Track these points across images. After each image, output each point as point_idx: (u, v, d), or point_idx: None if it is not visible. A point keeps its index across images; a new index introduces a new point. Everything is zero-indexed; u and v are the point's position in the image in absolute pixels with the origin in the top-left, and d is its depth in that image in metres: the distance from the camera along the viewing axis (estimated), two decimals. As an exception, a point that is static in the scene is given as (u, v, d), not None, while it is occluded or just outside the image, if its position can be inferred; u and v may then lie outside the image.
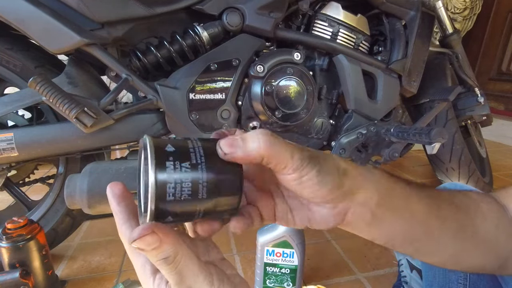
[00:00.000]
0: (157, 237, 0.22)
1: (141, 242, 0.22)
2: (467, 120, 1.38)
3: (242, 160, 0.24)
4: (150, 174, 0.21)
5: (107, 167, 0.77)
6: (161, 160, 0.22)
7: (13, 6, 0.71)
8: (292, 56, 0.89)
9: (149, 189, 0.21)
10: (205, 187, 0.23)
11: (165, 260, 0.23)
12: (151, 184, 0.21)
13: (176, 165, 0.22)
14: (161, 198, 0.21)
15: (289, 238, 0.77)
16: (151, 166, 0.21)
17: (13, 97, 0.80)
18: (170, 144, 0.23)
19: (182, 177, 0.22)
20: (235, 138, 0.24)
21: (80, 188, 0.73)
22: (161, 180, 0.21)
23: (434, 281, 0.62)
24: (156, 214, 0.22)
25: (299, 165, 0.25)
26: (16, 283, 0.73)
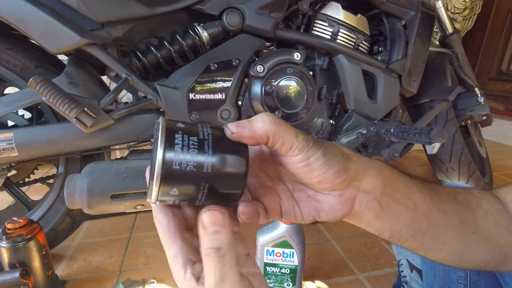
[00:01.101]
0: (224, 217, 0.23)
1: (208, 217, 0.23)
2: (467, 120, 1.38)
3: (248, 139, 0.24)
4: (160, 142, 0.22)
5: (107, 167, 0.77)
6: (171, 132, 0.23)
7: (13, 6, 0.71)
8: (292, 56, 0.89)
9: (157, 154, 0.22)
10: (210, 163, 0.23)
11: (217, 250, 0.23)
12: (160, 151, 0.22)
13: (184, 138, 0.23)
14: (167, 166, 0.22)
15: (289, 238, 0.77)
16: (161, 135, 0.22)
17: (13, 97, 0.80)
18: (181, 123, 0.24)
19: (190, 149, 0.23)
20: (242, 120, 0.25)
21: (80, 188, 0.73)
22: (169, 150, 0.22)
23: (434, 281, 0.62)
24: (162, 180, 0.22)
25: (304, 145, 0.25)
26: (16, 283, 0.73)
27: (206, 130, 0.24)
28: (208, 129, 0.25)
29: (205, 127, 0.25)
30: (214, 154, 0.23)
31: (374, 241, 1.11)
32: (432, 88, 1.13)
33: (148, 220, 1.24)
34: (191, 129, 0.24)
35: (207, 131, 0.24)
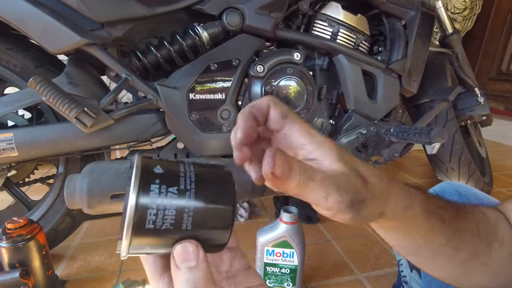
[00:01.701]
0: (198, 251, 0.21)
1: (179, 254, 0.20)
2: (467, 120, 1.38)
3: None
4: (131, 196, 0.19)
5: (107, 167, 0.76)
6: (146, 182, 0.19)
7: (13, 6, 0.71)
8: (292, 56, 0.89)
9: (127, 214, 0.19)
10: (191, 217, 0.20)
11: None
12: (130, 207, 0.19)
13: (161, 189, 0.20)
14: (139, 225, 0.19)
15: (289, 238, 0.77)
16: (133, 187, 0.19)
17: (13, 97, 0.80)
18: (159, 166, 0.21)
19: (166, 204, 0.19)
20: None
21: (80, 188, 0.73)
22: (142, 205, 0.19)
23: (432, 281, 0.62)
24: (132, 241, 0.19)
25: (334, 209, 0.23)
26: (16, 283, 0.73)
27: (189, 176, 0.21)
28: (192, 175, 0.21)
29: (188, 169, 0.21)
30: (196, 210, 0.20)
31: (374, 241, 1.11)
32: (432, 88, 1.13)
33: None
34: (171, 175, 0.21)
35: (190, 178, 0.21)
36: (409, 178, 1.69)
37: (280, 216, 0.77)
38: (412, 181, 1.64)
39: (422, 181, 1.64)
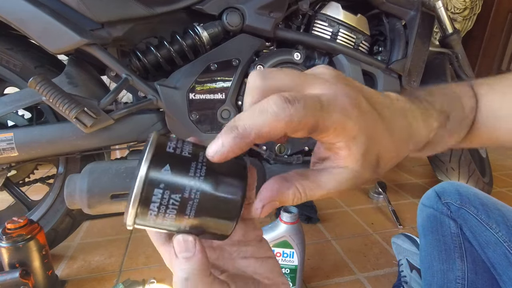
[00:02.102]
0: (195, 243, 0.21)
1: (177, 244, 0.21)
2: (467, 120, 1.38)
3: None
4: (142, 168, 0.19)
5: (107, 167, 0.76)
6: (158, 158, 0.20)
7: (13, 6, 0.71)
8: (292, 56, 0.89)
9: (136, 184, 0.19)
10: (197, 201, 0.20)
11: (185, 280, 0.21)
12: (140, 178, 0.19)
13: (172, 168, 0.20)
14: (146, 196, 0.19)
15: (289, 238, 0.77)
16: (145, 159, 0.19)
17: (13, 97, 0.80)
18: (174, 145, 0.21)
19: (175, 183, 0.20)
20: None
21: (80, 188, 0.73)
22: (152, 178, 0.19)
23: (432, 281, 0.62)
24: (138, 212, 0.20)
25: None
26: (16, 283, 0.73)
27: (202, 158, 0.21)
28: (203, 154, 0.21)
29: (202, 152, 0.21)
30: (202, 198, 0.20)
31: (374, 241, 1.11)
32: (432, 88, 1.13)
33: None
34: (182, 158, 0.20)
35: (202, 163, 0.21)
36: (409, 178, 1.69)
37: (280, 216, 0.77)
38: (412, 181, 1.64)
39: (422, 181, 1.64)
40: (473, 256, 0.60)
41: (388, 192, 1.41)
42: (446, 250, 0.62)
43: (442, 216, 0.66)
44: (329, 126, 0.19)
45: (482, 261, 0.60)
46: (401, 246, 0.93)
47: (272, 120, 0.18)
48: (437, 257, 0.63)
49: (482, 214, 0.60)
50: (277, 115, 0.17)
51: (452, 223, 0.64)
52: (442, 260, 0.62)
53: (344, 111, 0.19)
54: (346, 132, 0.20)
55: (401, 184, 1.60)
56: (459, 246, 0.62)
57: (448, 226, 0.64)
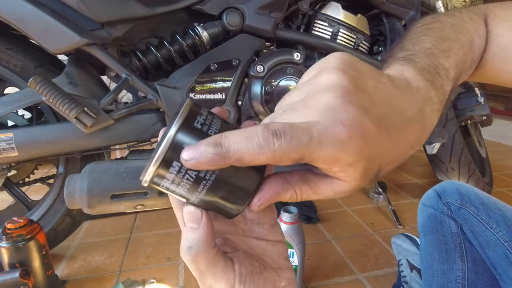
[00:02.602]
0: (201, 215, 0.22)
1: (187, 213, 0.22)
2: (467, 120, 1.38)
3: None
4: (173, 128, 0.20)
5: (107, 167, 0.77)
6: (189, 123, 0.20)
7: (13, 6, 0.71)
8: (292, 56, 0.89)
9: (164, 142, 0.19)
10: (208, 185, 0.21)
11: (188, 249, 0.22)
12: (169, 137, 0.19)
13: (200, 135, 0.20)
14: (170, 157, 0.20)
15: (289, 238, 0.77)
16: (177, 120, 0.20)
17: (13, 97, 0.80)
18: (205, 115, 0.21)
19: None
20: None
21: (80, 188, 0.73)
22: (179, 141, 0.20)
23: (433, 281, 0.62)
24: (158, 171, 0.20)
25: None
26: (16, 283, 0.73)
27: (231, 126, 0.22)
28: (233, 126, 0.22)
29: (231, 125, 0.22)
30: (216, 179, 0.21)
31: (374, 241, 1.11)
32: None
33: (148, 220, 1.24)
34: (215, 119, 0.22)
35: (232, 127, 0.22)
36: (409, 178, 1.69)
37: (280, 216, 0.77)
38: (412, 181, 1.64)
39: (422, 181, 1.64)
40: (473, 256, 0.60)
41: (388, 192, 1.41)
42: (447, 250, 0.62)
43: (442, 216, 0.66)
44: (317, 159, 0.18)
45: (483, 261, 0.60)
46: (401, 246, 0.93)
47: (255, 152, 0.18)
48: (438, 257, 0.63)
49: (483, 214, 0.60)
50: (261, 148, 0.17)
51: (453, 223, 0.64)
52: (443, 260, 0.62)
53: (339, 144, 0.18)
54: (340, 162, 0.19)
55: (401, 184, 1.60)
56: (460, 246, 0.62)
57: (448, 226, 0.64)
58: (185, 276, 0.92)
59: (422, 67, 0.25)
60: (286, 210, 0.78)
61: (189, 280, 0.90)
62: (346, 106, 0.18)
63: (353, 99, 0.19)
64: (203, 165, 0.19)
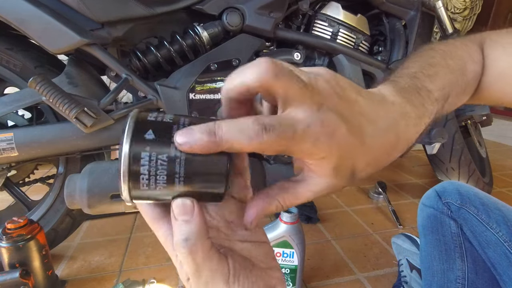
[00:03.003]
0: (193, 207, 0.22)
1: (177, 207, 0.22)
2: (467, 120, 1.38)
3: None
4: (124, 146, 0.20)
5: (107, 167, 0.77)
6: (139, 132, 0.20)
7: (13, 6, 0.71)
8: (292, 56, 0.89)
9: (122, 160, 0.19)
10: (183, 164, 0.21)
11: (184, 241, 0.22)
12: (124, 155, 0.19)
13: (155, 138, 0.20)
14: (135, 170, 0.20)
15: (289, 238, 0.77)
16: (126, 135, 0.20)
17: (13, 97, 0.80)
18: (154, 117, 0.21)
19: (159, 151, 0.20)
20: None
21: (80, 188, 0.73)
22: (136, 152, 0.20)
23: (433, 281, 0.62)
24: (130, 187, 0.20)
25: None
26: (16, 283, 0.73)
27: (183, 121, 0.22)
28: (184, 120, 0.22)
29: (182, 121, 0.22)
30: (187, 162, 0.21)
31: (374, 241, 1.11)
32: (432, 88, 1.13)
33: (148, 220, 1.24)
34: (165, 126, 0.21)
35: (184, 122, 0.22)
36: (409, 178, 1.69)
37: (280, 216, 0.77)
38: (412, 181, 1.64)
39: (422, 181, 1.64)
40: (473, 256, 0.60)
41: (388, 192, 1.41)
42: (447, 250, 0.62)
43: (442, 216, 0.66)
44: (295, 152, 0.21)
45: (483, 261, 0.60)
46: (401, 246, 0.93)
47: (245, 143, 0.20)
48: (438, 257, 0.63)
49: (483, 214, 0.60)
50: (250, 139, 0.20)
51: (453, 223, 0.64)
52: (443, 260, 0.62)
53: (315, 141, 0.21)
54: (314, 156, 0.21)
55: (401, 184, 1.60)
56: (460, 246, 0.62)
57: (448, 226, 0.64)
58: (185, 276, 0.92)
59: (402, 86, 0.28)
60: (286, 210, 0.78)
61: (189, 280, 0.90)
62: (327, 111, 0.21)
63: (334, 107, 0.22)
64: (197, 150, 0.20)
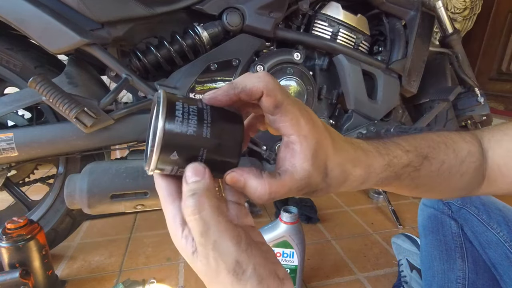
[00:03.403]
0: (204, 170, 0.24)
1: (189, 171, 0.24)
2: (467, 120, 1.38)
3: None
4: (161, 112, 0.23)
5: (107, 167, 0.77)
6: (171, 103, 0.24)
7: (13, 6, 0.71)
8: (292, 56, 0.89)
9: (159, 123, 0.23)
10: (209, 127, 0.24)
11: (192, 195, 0.23)
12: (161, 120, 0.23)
13: (184, 108, 0.24)
14: (168, 134, 0.23)
15: (289, 238, 0.77)
16: (162, 105, 0.23)
17: (13, 97, 0.80)
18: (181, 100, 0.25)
19: (190, 119, 0.24)
20: None
21: (80, 188, 0.73)
22: (170, 119, 0.23)
23: (433, 281, 0.62)
24: (162, 149, 0.23)
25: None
26: (16, 283, 0.73)
27: (206, 107, 0.25)
28: (208, 107, 0.26)
29: (204, 104, 0.26)
30: (213, 123, 0.24)
31: (374, 241, 1.11)
32: (432, 88, 1.13)
33: (148, 220, 1.24)
34: (190, 101, 0.25)
35: (207, 109, 0.25)
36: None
37: (280, 216, 0.77)
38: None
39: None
40: (474, 256, 0.60)
41: (388, 192, 1.41)
42: (447, 250, 0.62)
43: (443, 216, 0.66)
44: (288, 111, 0.25)
45: (483, 261, 0.60)
46: (401, 246, 0.93)
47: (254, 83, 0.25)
48: (438, 257, 0.63)
49: (483, 214, 0.60)
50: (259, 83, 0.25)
51: (453, 223, 0.64)
52: (443, 260, 0.62)
53: (301, 111, 0.26)
54: (299, 127, 0.25)
55: (401, 184, 1.59)
56: (460, 246, 0.62)
57: (449, 226, 0.64)
58: (185, 276, 0.92)
59: (376, 142, 0.32)
60: (286, 210, 0.78)
61: (189, 280, 0.90)
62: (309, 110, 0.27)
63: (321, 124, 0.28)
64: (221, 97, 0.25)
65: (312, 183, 0.26)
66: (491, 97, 2.46)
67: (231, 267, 0.22)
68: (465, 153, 0.36)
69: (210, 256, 0.23)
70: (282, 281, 0.24)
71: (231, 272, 0.22)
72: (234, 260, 0.23)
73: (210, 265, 0.23)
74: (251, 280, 0.23)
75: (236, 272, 0.23)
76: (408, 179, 0.33)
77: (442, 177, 0.35)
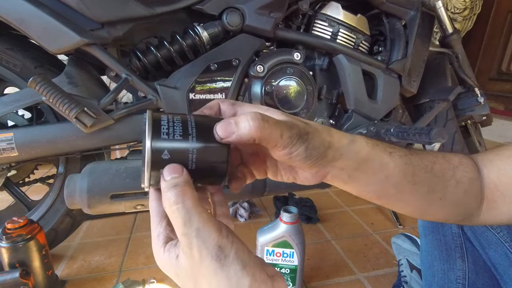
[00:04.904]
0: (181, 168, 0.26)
1: (167, 170, 0.25)
2: (467, 120, 1.38)
3: (236, 142, 0.27)
4: (147, 132, 0.25)
5: (107, 167, 0.77)
6: (157, 122, 0.26)
7: (13, 6, 0.71)
8: (292, 56, 0.89)
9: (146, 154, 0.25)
10: (195, 137, 0.26)
11: (174, 187, 0.24)
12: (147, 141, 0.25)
13: (169, 127, 0.26)
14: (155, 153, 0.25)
15: (289, 238, 0.77)
16: (148, 126, 0.25)
17: (13, 97, 0.80)
18: (166, 114, 0.27)
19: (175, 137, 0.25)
20: (230, 122, 0.26)
21: (80, 188, 0.73)
22: (156, 139, 0.25)
23: (433, 281, 0.62)
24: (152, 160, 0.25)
25: (288, 143, 0.27)
26: (16, 283, 0.73)
27: (190, 119, 0.27)
28: (192, 118, 0.27)
29: (189, 116, 0.27)
30: (198, 141, 0.26)
31: (374, 241, 1.11)
32: (432, 88, 1.13)
33: (148, 220, 1.23)
34: (176, 119, 0.27)
35: (191, 120, 0.27)
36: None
37: (280, 216, 0.77)
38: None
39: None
40: (474, 256, 0.60)
41: (388, 192, 1.41)
42: (447, 250, 0.62)
43: (442, 216, 0.66)
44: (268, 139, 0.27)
45: (483, 261, 0.60)
46: (401, 246, 0.93)
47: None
48: (438, 257, 0.63)
49: (483, 214, 0.60)
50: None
51: (453, 223, 0.64)
52: (443, 260, 0.62)
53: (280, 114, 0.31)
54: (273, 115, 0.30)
55: (401, 184, 1.59)
56: (460, 246, 0.62)
57: (449, 226, 0.64)
58: (185, 276, 0.92)
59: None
60: (286, 210, 0.78)
61: (189, 280, 0.90)
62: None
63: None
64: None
65: (298, 124, 0.28)
66: (491, 97, 2.46)
67: (214, 252, 0.23)
68: (457, 160, 0.37)
69: (193, 244, 0.23)
70: (272, 277, 0.25)
71: (214, 257, 0.23)
72: (217, 246, 0.24)
73: (193, 256, 0.24)
74: (234, 265, 0.23)
75: (219, 257, 0.23)
76: (401, 163, 0.34)
77: (437, 177, 0.35)
